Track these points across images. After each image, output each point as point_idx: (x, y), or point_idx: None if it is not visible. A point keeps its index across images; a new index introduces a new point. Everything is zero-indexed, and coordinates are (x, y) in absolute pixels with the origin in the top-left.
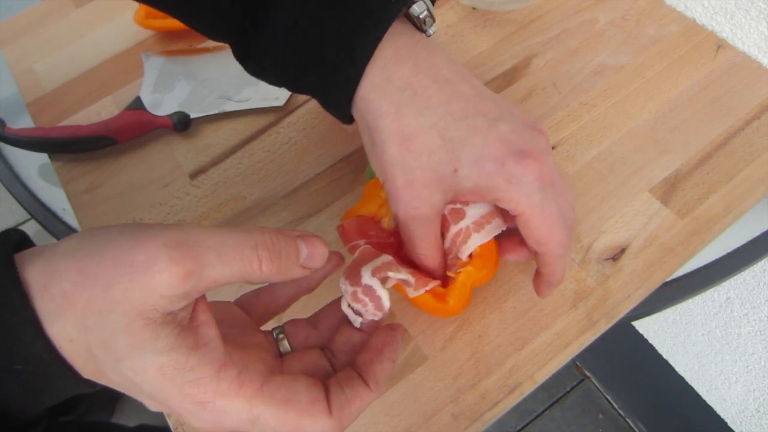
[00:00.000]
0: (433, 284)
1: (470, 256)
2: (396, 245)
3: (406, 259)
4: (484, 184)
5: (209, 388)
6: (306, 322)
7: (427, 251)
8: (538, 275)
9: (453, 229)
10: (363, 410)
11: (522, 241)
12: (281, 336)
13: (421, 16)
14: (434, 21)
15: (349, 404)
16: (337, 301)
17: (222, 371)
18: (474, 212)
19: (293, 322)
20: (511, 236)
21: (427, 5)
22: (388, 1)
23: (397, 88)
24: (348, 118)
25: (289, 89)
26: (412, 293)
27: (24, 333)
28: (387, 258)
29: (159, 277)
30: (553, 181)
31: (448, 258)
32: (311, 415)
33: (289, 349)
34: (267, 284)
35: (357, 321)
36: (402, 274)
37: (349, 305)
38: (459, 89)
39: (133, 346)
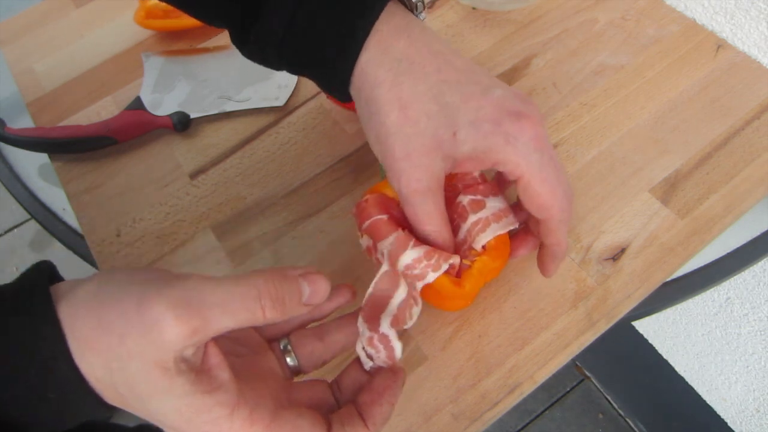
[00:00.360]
0: (453, 259)
1: (484, 247)
2: (411, 227)
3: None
4: (482, 146)
5: (225, 427)
6: (312, 333)
7: (435, 226)
8: (542, 250)
9: (472, 218)
10: None
11: (528, 232)
12: (288, 347)
13: (413, 0)
14: (425, 7)
15: None
16: (346, 317)
17: (236, 411)
18: (493, 204)
19: (300, 333)
20: (517, 233)
21: None
22: None
23: (393, 58)
24: (347, 96)
25: (289, 72)
26: (432, 276)
27: (60, 365)
28: (401, 295)
29: (167, 335)
30: (549, 147)
31: (461, 249)
32: None
33: (296, 362)
34: None
35: (367, 364)
36: (416, 314)
37: (363, 348)
38: (451, 61)
39: (152, 392)
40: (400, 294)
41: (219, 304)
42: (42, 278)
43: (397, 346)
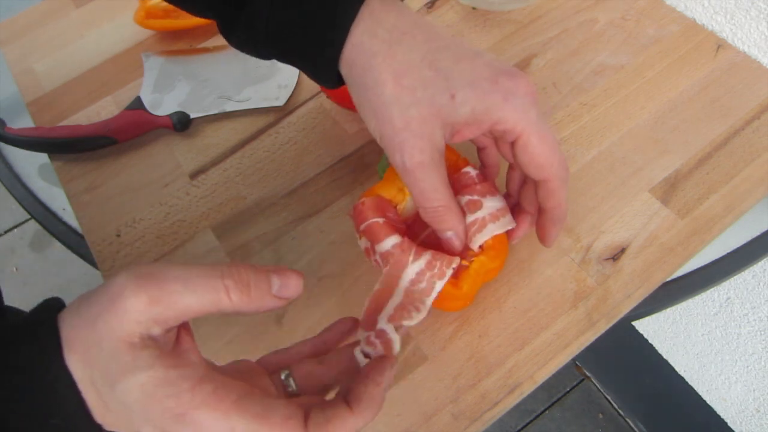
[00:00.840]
0: (456, 262)
1: (481, 247)
2: (407, 232)
3: (422, 243)
4: (481, 106)
5: (185, 400)
6: (312, 359)
7: (442, 201)
8: (542, 217)
9: (469, 219)
10: None
11: (522, 212)
12: (288, 376)
13: None
14: None
15: (327, 423)
16: (347, 345)
17: (198, 385)
18: (490, 204)
19: (300, 361)
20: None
21: None
22: None
23: (386, 29)
24: (335, 77)
25: (277, 59)
26: (439, 285)
27: (64, 392)
28: (397, 300)
29: (127, 302)
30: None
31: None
32: (285, 429)
33: (295, 387)
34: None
35: (363, 363)
36: (422, 314)
37: (361, 350)
38: (439, 32)
39: (120, 369)
40: (396, 299)
41: (180, 278)
42: (50, 312)
43: (395, 338)
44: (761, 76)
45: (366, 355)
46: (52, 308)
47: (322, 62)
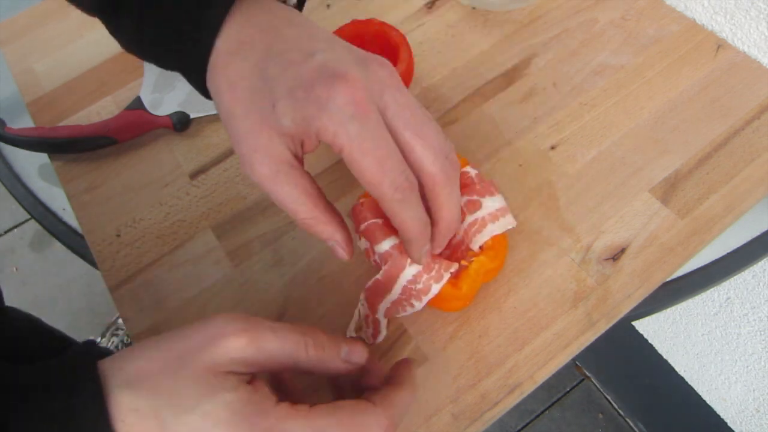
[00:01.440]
0: (455, 267)
1: (481, 248)
2: None
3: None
4: (300, 116)
5: (272, 415)
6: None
7: (307, 212)
8: None
9: (468, 219)
10: (402, 407)
11: None
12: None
13: None
14: None
15: (387, 397)
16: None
17: (279, 403)
18: (490, 204)
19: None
20: None
21: None
22: None
23: (232, 41)
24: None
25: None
26: (436, 288)
27: None
28: (394, 296)
29: (229, 341)
30: (373, 113)
31: (459, 250)
32: (361, 411)
33: None
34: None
35: (351, 333)
36: (417, 308)
37: (356, 320)
38: (284, 33)
39: (204, 392)
40: (393, 295)
41: (271, 327)
42: (90, 359)
43: (383, 333)
44: (761, 76)
45: (358, 327)
46: (92, 356)
47: (193, 78)
